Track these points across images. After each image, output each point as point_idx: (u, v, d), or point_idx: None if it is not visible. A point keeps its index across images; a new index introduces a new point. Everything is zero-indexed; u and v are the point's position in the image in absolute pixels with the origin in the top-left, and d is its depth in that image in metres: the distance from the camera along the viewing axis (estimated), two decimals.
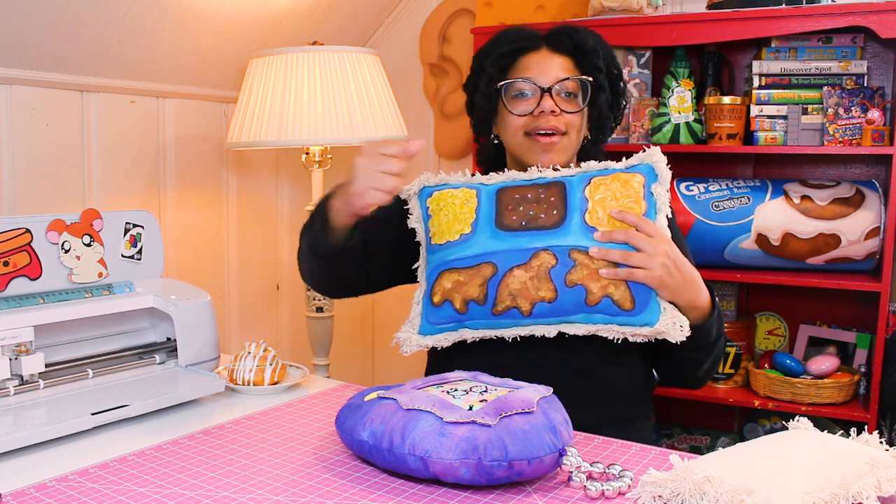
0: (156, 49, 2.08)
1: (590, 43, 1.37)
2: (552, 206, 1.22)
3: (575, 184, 1.23)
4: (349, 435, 1.04)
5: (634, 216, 1.20)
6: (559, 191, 1.23)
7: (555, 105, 1.34)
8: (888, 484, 0.90)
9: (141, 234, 1.45)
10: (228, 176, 2.45)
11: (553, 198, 1.22)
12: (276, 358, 1.42)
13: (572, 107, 1.36)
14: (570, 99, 1.36)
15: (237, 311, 2.53)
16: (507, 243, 1.21)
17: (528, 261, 1.19)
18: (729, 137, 2.12)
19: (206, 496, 0.96)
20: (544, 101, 1.34)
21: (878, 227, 2.00)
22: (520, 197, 1.24)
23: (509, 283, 1.18)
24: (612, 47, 1.43)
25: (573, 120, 1.36)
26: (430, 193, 1.31)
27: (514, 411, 0.99)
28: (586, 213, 1.21)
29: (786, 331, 2.33)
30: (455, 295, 1.21)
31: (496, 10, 2.43)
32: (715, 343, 1.28)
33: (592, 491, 0.95)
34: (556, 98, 1.35)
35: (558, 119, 1.34)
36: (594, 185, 1.23)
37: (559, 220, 1.21)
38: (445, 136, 2.70)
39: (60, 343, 1.34)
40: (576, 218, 1.21)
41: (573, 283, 1.17)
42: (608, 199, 1.21)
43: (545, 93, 1.34)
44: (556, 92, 1.35)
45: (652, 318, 1.16)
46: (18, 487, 0.98)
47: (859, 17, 1.93)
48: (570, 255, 1.18)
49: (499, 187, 1.27)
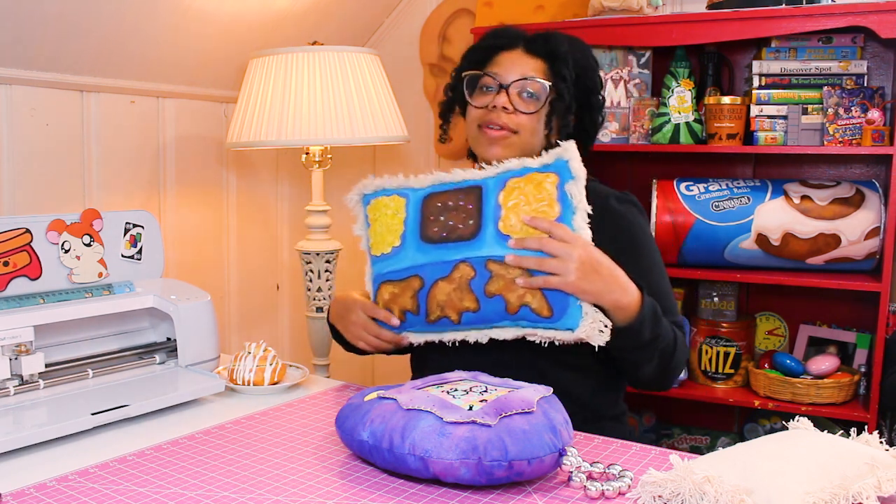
0: (156, 49, 2.08)
1: (562, 50, 1.37)
2: (469, 216, 1.20)
3: (491, 188, 1.21)
4: (349, 435, 1.04)
5: (546, 222, 1.17)
6: (476, 197, 1.21)
7: (508, 102, 1.35)
8: (888, 484, 0.90)
9: (141, 234, 1.45)
10: (228, 176, 2.45)
11: (470, 205, 1.21)
12: (276, 358, 1.42)
13: (528, 107, 1.36)
14: (529, 99, 1.36)
15: (237, 311, 2.53)
16: (431, 256, 1.23)
17: (450, 273, 1.20)
18: (729, 137, 2.12)
19: (206, 496, 0.96)
20: (499, 96, 1.35)
21: (878, 227, 2.00)
22: (441, 206, 1.23)
23: (436, 295, 1.22)
24: (594, 60, 1.43)
25: (525, 121, 1.36)
26: (368, 201, 1.32)
27: (514, 411, 0.99)
28: (500, 220, 1.19)
29: (786, 331, 2.33)
30: (393, 306, 1.28)
31: (496, 10, 2.43)
32: (651, 343, 1.25)
33: (592, 491, 0.95)
34: (512, 96, 1.35)
35: (509, 117, 1.35)
36: (508, 189, 1.20)
37: (475, 231, 1.20)
38: None
39: (60, 343, 1.34)
40: (490, 227, 1.19)
41: (492, 293, 1.18)
42: (521, 205, 1.18)
43: (503, 89, 1.36)
44: (517, 90, 1.36)
45: (573, 322, 1.15)
46: (18, 487, 0.98)
47: (859, 17, 1.93)
48: (487, 266, 1.18)
49: (426, 194, 1.26)
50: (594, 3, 2.19)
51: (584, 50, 1.43)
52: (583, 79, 1.40)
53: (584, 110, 1.42)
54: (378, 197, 1.30)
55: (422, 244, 1.24)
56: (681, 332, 1.34)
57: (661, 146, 2.17)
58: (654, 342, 1.25)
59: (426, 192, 1.26)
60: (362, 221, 1.34)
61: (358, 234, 1.35)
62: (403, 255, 1.25)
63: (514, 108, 1.36)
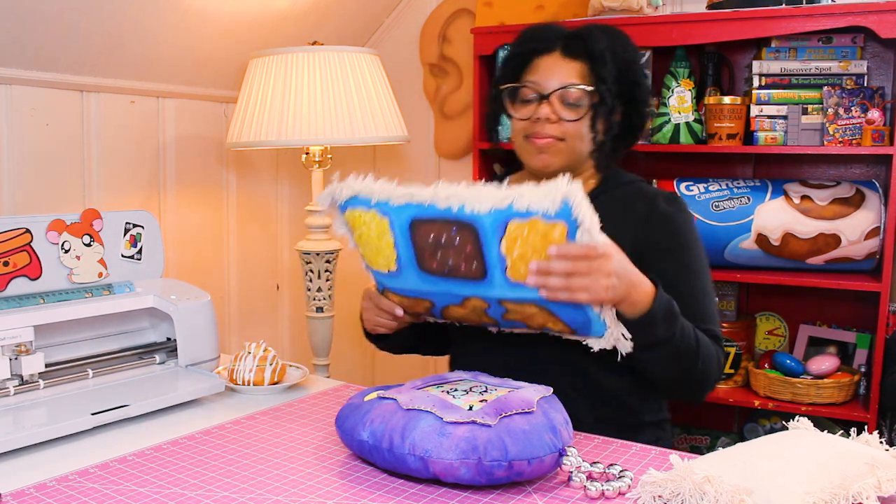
0: (156, 49, 2.08)
1: (599, 48, 1.33)
2: (470, 258, 1.09)
3: (489, 230, 1.05)
4: (349, 435, 1.04)
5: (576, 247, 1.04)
6: (473, 239, 1.07)
7: (551, 112, 1.32)
8: (888, 484, 0.90)
9: (141, 234, 1.45)
10: (228, 176, 2.45)
11: (468, 247, 1.08)
12: (276, 358, 1.42)
13: (572, 115, 1.33)
14: (571, 107, 1.33)
15: (237, 311, 2.53)
16: (437, 286, 1.16)
17: (462, 302, 1.17)
18: (729, 137, 2.12)
19: (206, 496, 0.96)
20: (541, 107, 1.33)
21: (878, 227, 2.00)
22: (434, 240, 1.10)
23: (451, 313, 1.21)
24: (635, 51, 1.38)
25: (570, 128, 1.33)
26: (344, 209, 1.20)
27: (514, 411, 0.99)
28: (507, 269, 1.08)
29: (786, 331, 2.33)
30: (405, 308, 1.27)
31: (496, 10, 2.42)
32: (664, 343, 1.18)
33: (592, 491, 0.95)
34: (555, 105, 1.33)
35: (554, 126, 1.33)
36: (510, 238, 1.05)
37: (481, 274, 1.10)
38: (445, 136, 2.70)
39: (60, 343, 1.34)
40: (497, 273, 1.09)
41: (511, 319, 1.17)
42: (528, 255, 1.05)
43: (544, 99, 1.33)
44: (558, 98, 1.33)
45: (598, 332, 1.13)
46: (18, 487, 0.98)
47: (859, 17, 1.93)
48: (501, 304, 1.14)
49: (409, 219, 1.11)
50: (594, 3, 2.19)
51: (624, 42, 1.37)
52: (625, 73, 1.35)
53: (629, 105, 1.38)
54: (355, 208, 1.17)
55: (423, 274, 1.16)
56: (713, 340, 1.28)
57: (661, 146, 2.17)
58: (668, 342, 1.18)
59: (409, 215, 1.11)
60: (344, 227, 1.24)
61: (341, 233, 1.27)
62: (404, 279, 1.19)
63: (557, 117, 1.32)
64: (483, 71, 2.36)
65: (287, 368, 1.48)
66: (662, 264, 1.29)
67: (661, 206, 1.34)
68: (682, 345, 1.21)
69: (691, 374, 1.24)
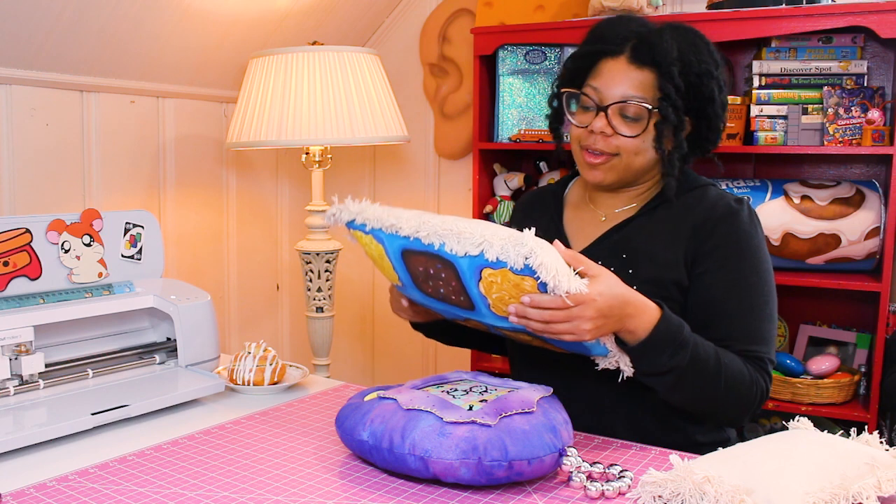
0: (156, 49, 2.08)
1: (669, 59, 1.22)
2: (458, 292, 1.09)
3: (466, 272, 1.05)
4: (349, 435, 1.04)
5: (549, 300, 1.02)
6: (455, 276, 1.07)
7: (607, 125, 1.24)
8: (888, 484, 0.90)
9: (141, 234, 1.45)
10: (228, 176, 2.45)
11: (453, 283, 1.08)
12: (276, 358, 1.42)
13: (630, 130, 1.24)
14: (630, 121, 1.24)
15: (237, 311, 2.53)
16: (439, 306, 1.18)
17: (465, 320, 1.18)
18: (729, 137, 2.12)
19: (206, 496, 0.96)
20: (597, 120, 1.24)
21: (878, 227, 2.00)
22: (423, 271, 1.11)
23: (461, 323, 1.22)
24: (711, 60, 1.26)
25: (627, 143, 1.24)
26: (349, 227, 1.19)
27: (514, 411, 0.99)
28: (490, 306, 1.08)
29: (786, 331, 2.33)
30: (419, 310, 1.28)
31: (496, 10, 2.42)
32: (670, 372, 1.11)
33: (592, 491, 0.95)
34: (612, 118, 1.24)
35: (607, 141, 1.24)
36: (486, 282, 1.04)
37: (470, 306, 1.10)
38: (445, 136, 2.70)
39: (60, 343, 1.34)
40: (483, 308, 1.09)
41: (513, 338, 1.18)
42: (506, 298, 1.05)
43: (601, 111, 1.24)
44: (616, 111, 1.24)
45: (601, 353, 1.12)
46: (18, 487, 0.98)
47: (859, 17, 1.93)
48: (497, 329, 1.15)
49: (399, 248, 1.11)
50: (594, 4, 2.19)
51: (699, 51, 1.25)
52: (697, 87, 1.24)
53: (700, 120, 1.28)
54: (355, 230, 1.18)
55: (423, 295, 1.17)
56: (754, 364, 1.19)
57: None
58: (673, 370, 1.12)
59: (400, 245, 1.11)
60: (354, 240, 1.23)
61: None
62: (410, 294, 1.20)
63: (613, 130, 1.24)
64: (483, 71, 2.36)
65: (287, 368, 1.48)
66: (709, 277, 1.22)
67: (717, 213, 1.25)
68: (692, 372, 1.13)
69: (712, 401, 1.17)
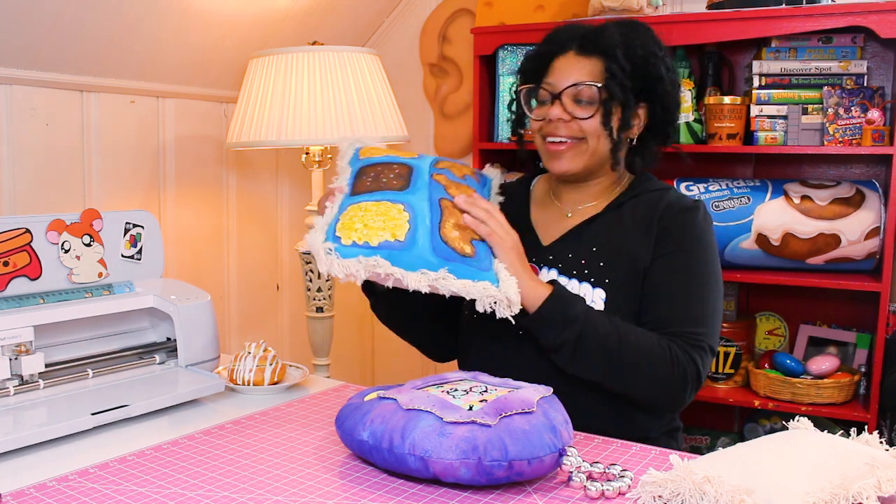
0: (156, 49, 2.08)
1: (612, 43, 1.30)
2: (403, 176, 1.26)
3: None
4: (349, 435, 1.04)
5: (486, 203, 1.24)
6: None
7: (563, 111, 1.30)
8: (888, 484, 0.90)
9: (141, 234, 1.45)
10: (228, 176, 2.45)
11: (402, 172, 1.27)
12: (276, 358, 1.42)
13: (584, 112, 1.30)
14: (584, 105, 1.31)
15: (237, 311, 2.53)
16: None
17: None
18: (729, 137, 2.12)
19: (206, 496, 0.96)
20: (553, 108, 1.31)
21: (878, 227, 2.00)
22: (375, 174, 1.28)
23: None
24: (657, 46, 1.34)
25: (588, 125, 1.30)
26: None
27: (514, 411, 0.99)
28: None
29: (786, 331, 2.33)
30: None
31: (496, 10, 2.42)
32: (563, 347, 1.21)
33: (592, 491, 0.95)
34: (567, 104, 1.31)
35: (569, 126, 1.31)
36: None
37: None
38: (445, 136, 2.70)
39: (60, 343, 1.34)
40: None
41: None
42: None
43: (555, 99, 1.31)
44: (571, 97, 1.31)
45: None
46: (18, 487, 0.98)
47: (859, 17, 1.93)
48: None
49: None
50: (594, 3, 2.19)
51: (643, 37, 1.33)
52: (642, 68, 1.31)
53: (653, 102, 1.35)
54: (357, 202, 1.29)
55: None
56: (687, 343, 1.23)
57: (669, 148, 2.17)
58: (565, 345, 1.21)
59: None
60: None
61: None
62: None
63: (570, 116, 1.30)
64: (483, 71, 2.36)
65: (287, 368, 1.48)
66: (657, 263, 1.29)
67: (675, 209, 1.32)
68: (586, 348, 1.21)
69: (618, 377, 1.23)
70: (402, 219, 1.17)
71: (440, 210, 1.20)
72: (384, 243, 1.15)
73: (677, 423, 1.40)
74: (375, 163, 1.29)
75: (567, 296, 1.23)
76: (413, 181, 1.24)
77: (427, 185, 1.24)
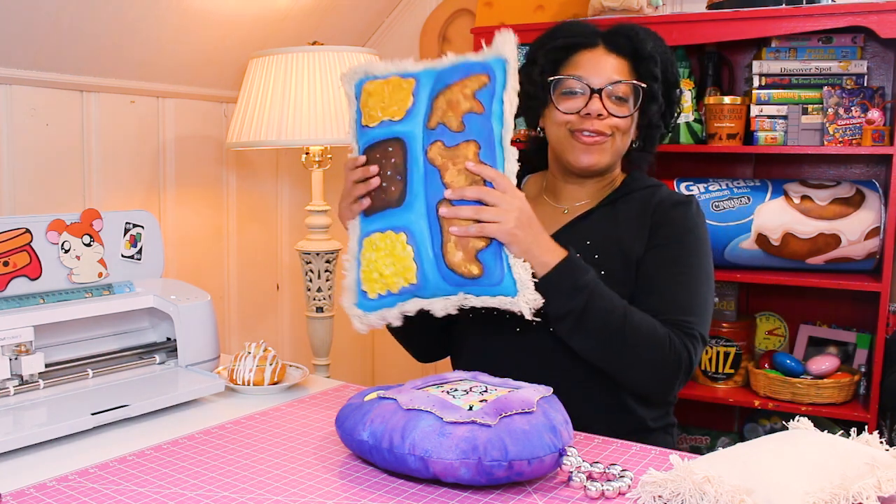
0: (156, 49, 2.08)
1: (648, 47, 1.33)
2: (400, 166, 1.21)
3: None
4: (349, 435, 1.04)
5: (491, 170, 1.15)
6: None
7: (602, 107, 1.31)
8: (888, 484, 0.90)
9: (141, 234, 1.45)
10: (228, 176, 2.45)
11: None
12: (276, 358, 1.42)
13: (622, 111, 1.32)
14: (620, 103, 1.32)
15: (237, 311, 2.53)
16: None
17: None
18: (729, 137, 2.12)
19: (206, 496, 0.96)
20: (592, 102, 1.31)
21: (878, 227, 2.00)
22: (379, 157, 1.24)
23: None
24: (671, 52, 1.39)
25: (620, 124, 1.33)
26: None
27: (514, 411, 0.99)
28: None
29: (786, 331, 2.33)
30: None
31: (496, 10, 2.43)
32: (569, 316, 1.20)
33: (592, 491, 0.95)
34: (605, 100, 1.31)
35: (604, 122, 1.31)
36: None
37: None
38: None
39: (60, 343, 1.34)
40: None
41: None
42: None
43: (594, 94, 1.31)
44: (607, 94, 1.31)
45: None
46: (18, 487, 0.98)
47: (859, 17, 1.93)
48: None
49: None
50: (594, 3, 2.19)
51: (664, 44, 1.38)
52: (667, 74, 1.37)
53: (668, 104, 1.40)
54: None
55: None
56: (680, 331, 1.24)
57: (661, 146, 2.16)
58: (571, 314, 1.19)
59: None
60: None
61: None
62: None
63: (608, 112, 1.31)
64: None
65: (287, 368, 1.48)
66: (650, 255, 1.30)
67: (668, 203, 1.35)
68: (591, 319, 1.19)
69: (617, 355, 1.22)
70: (408, 257, 1.19)
71: (440, 229, 1.17)
72: (403, 289, 1.20)
73: (672, 418, 1.40)
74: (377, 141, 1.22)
75: (579, 265, 1.21)
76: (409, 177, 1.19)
77: (423, 180, 1.18)
